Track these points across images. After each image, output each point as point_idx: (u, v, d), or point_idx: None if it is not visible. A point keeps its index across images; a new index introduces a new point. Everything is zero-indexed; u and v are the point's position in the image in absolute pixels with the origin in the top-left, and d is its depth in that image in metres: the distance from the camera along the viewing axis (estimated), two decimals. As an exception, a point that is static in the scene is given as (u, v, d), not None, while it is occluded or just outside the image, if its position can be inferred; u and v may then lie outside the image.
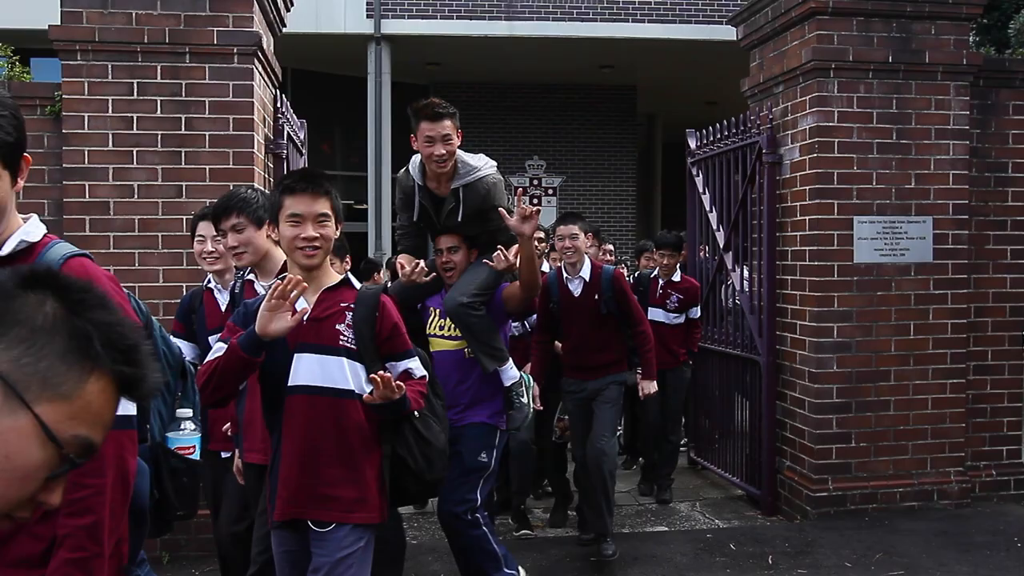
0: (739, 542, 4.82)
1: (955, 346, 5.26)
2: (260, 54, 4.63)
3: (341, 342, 2.53)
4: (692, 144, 6.48)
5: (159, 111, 4.50)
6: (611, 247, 7.38)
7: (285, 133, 5.07)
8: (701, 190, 6.39)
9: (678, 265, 6.02)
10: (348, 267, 4.61)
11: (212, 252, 3.43)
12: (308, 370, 2.52)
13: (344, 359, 2.52)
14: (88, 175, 4.47)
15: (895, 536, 4.82)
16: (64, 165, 4.48)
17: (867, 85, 5.11)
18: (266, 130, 4.97)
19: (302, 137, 5.80)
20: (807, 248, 5.19)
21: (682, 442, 6.33)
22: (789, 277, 5.37)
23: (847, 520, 5.03)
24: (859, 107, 5.11)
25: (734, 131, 5.87)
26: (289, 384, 2.52)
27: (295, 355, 2.52)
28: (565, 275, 4.66)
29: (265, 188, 4.94)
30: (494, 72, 13.28)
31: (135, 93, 4.48)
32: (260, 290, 3.03)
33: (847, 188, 5.10)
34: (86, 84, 4.47)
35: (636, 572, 4.39)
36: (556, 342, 4.78)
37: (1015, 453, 5.54)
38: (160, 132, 4.50)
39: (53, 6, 4.56)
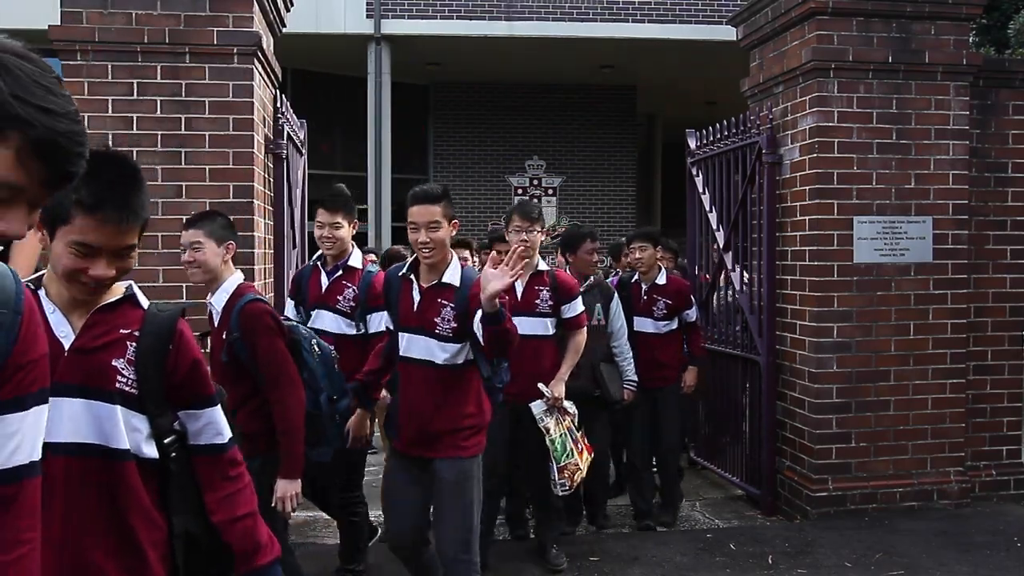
0: (739, 542, 4.82)
1: (955, 346, 5.26)
2: (260, 54, 4.63)
3: (118, 384, 1.79)
4: (692, 144, 6.48)
5: (159, 111, 4.49)
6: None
7: (285, 133, 5.07)
8: (701, 190, 6.39)
9: (660, 266, 5.38)
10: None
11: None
12: (70, 421, 1.75)
13: (119, 407, 1.78)
14: (88, 175, 4.46)
15: (895, 536, 4.82)
16: (64, 165, 4.47)
17: (867, 85, 5.11)
18: (266, 130, 4.97)
19: (302, 137, 5.80)
20: (807, 248, 5.20)
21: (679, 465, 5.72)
22: (789, 277, 5.37)
23: (847, 520, 5.02)
24: (859, 107, 5.11)
25: (734, 131, 5.87)
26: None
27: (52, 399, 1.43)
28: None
29: (265, 188, 4.95)
30: (494, 72, 13.29)
31: (135, 93, 4.48)
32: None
33: (847, 188, 5.10)
34: (86, 84, 4.47)
35: (636, 572, 4.39)
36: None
37: (1015, 453, 5.54)
38: (160, 132, 4.50)
39: (53, 6, 4.56)
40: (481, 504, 3.41)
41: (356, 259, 4.10)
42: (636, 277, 5.39)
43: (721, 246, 6.05)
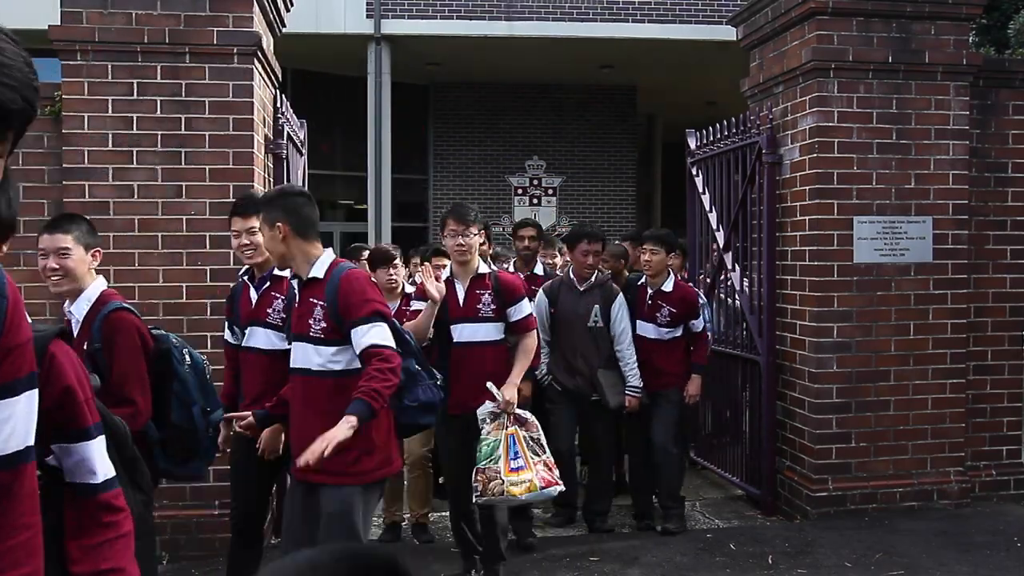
0: (739, 542, 4.82)
1: (955, 346, 5.26)
2: (260, 54, 4.63)
3: None
4: (692, 144, 6.48)
5: (159, 111, 4.50)
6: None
7: (285, 133, 5.07)
8: (701, 190, 6.39)
9: (669, 271, 5.18)
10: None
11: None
12: None
13: None
14: (88, 175, 4.47)
15: (895, 536, 4.82)
16: (64, 165, 4.48)
17: (867, 85, 5.11)
18: (266, 130, 4.97)
19: (302, 137, 5.80)
20: (807, 248, 5.19)
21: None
22: (789, 277, 5.37)
23: (847, 520, 5.02)
24: (859, 107, 5.11)
25: (734, 131, 5.86)
26: None
27: None
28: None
29: (265, 188, 4.94)
30: (494, 72, 13.28)
31: (135, 93, 4.48)
32: None
33: (847, 188, 5.10)
34: (86, 84, 4.47)
35: (636, 572, 4.39)
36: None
37: (1015, 453, 5.54)
38: (160, 132, 4.50)
39: (53, 6, 4.56)
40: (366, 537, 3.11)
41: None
42: (643, 280, 5.21)
43: (721, 246, 6.05)
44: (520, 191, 14.04)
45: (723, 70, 11.79)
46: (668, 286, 5.11)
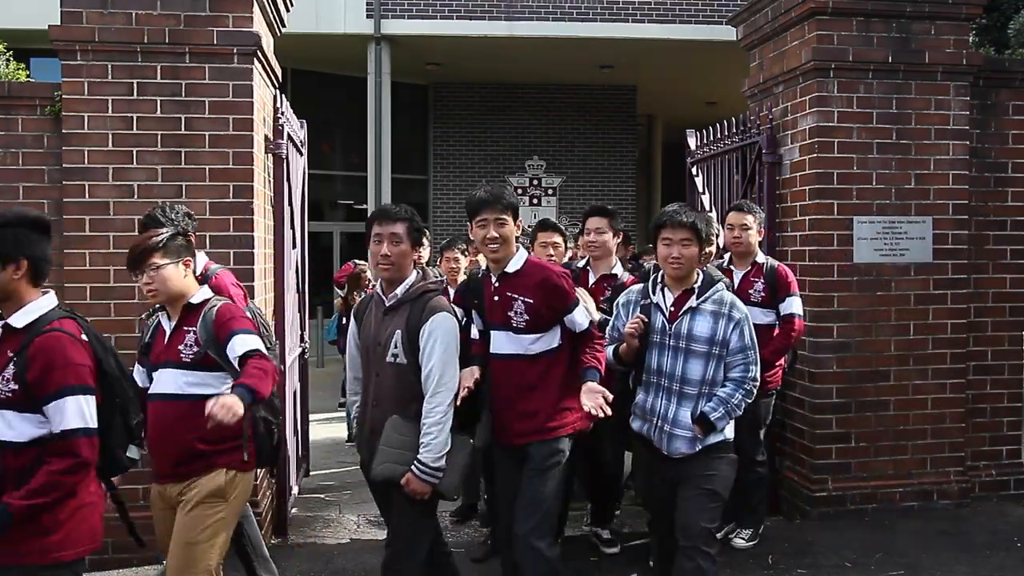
0: (739, 542, 4.81)
1: (955, 346, 5.26)
2: (260, 54, 4.63)
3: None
4: (692, 144, 6.48)
5: (159, 111, 4.49)
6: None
7: (285, 133, 5.07)
8: (701, 190, 6.39)
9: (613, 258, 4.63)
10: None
11: None
12: None
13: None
14: (88, 175, 4.47)
15: (895, 536, 4.82)
16: (64, 165, 4.48)
17: (867, 85, 5.11)
18: (266, 130, 4.97)
19: (302, 137, 5.80)
20: (807, 248, 5.20)
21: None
22: (789, 277, 5.37)
23: (847, 520, 5.02)
24: (859, 107, 5.11)
25: (734, 131, 5.87)
26: None
27: None
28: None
29: (265, 188, 4.95)
30: (494, 72, 13.30)
31: (135, 93, 4.48)
32: None
33: (847, 188, 5.10)
34: (86, 84, 4.47)
35: (636, 571, 4.39)
36: None
37: (1015, 453, 5.54)
38: (160, 132, 4.50)
39: (53, 6, 4.56)
40: None
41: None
42: (584, 264, 4.76)
43: (721, 246, 6.04)
44: (520, 191, 14.06)
45: (723, 70, 11.81)
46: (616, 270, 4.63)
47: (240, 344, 2.99)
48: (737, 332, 3.36)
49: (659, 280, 3.52)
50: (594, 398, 3.23)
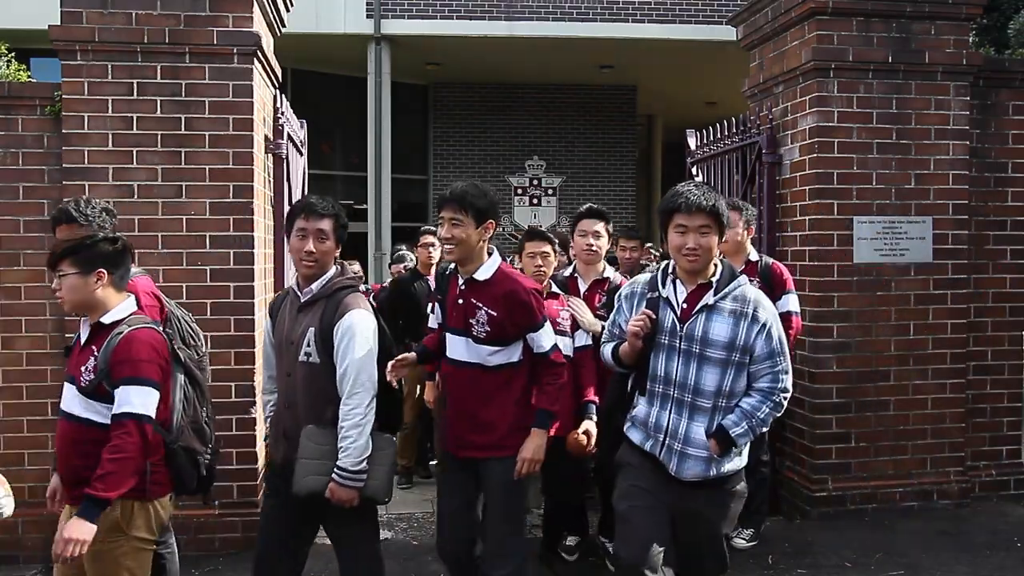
0: (739, 542, 4.81)
1: (955, 346, 5.26)
2: (260, 54, 4.63)
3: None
4: (692, 144, 6.48)
5: (159, 111, 4.49)
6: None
7: (285, 133, 5.07)
8: (701, 190, 6.38)
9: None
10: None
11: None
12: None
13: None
14: (88, 175, 4.47)
15: (895, 536, 4.82)
16: (64, 165, 4.48)
17: (867, 85, 5.11)
18: (266, 130, 4.98)
19: (302, 137, 5.80)
20: (807, 248, 5.20)
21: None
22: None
23: (847, 520, 5.02)
24: (859, 107, 5.11)
25: (734, 131, 5.86)
26: None
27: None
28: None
29: (265, 188, 4.95)
30: (494, 72, 13.29)
31: (135, 93, 4.48)
32: None
33: (847, 188, 5.10)
34: (86, 84, 4.47)
35: (636, 572, 4.39)
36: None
37: (1015, 453, 5.54)
38: (160, 132, 4.50)
39: (53, 6, 4.56)
40: None
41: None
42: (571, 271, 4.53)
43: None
44: (520, 191, 14.06)
45: (723, 70, 11.81)
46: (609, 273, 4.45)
47: (122, 399, 2.70)
48: (763, 336, 2.90)
49: (670, 270, 3.01)
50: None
